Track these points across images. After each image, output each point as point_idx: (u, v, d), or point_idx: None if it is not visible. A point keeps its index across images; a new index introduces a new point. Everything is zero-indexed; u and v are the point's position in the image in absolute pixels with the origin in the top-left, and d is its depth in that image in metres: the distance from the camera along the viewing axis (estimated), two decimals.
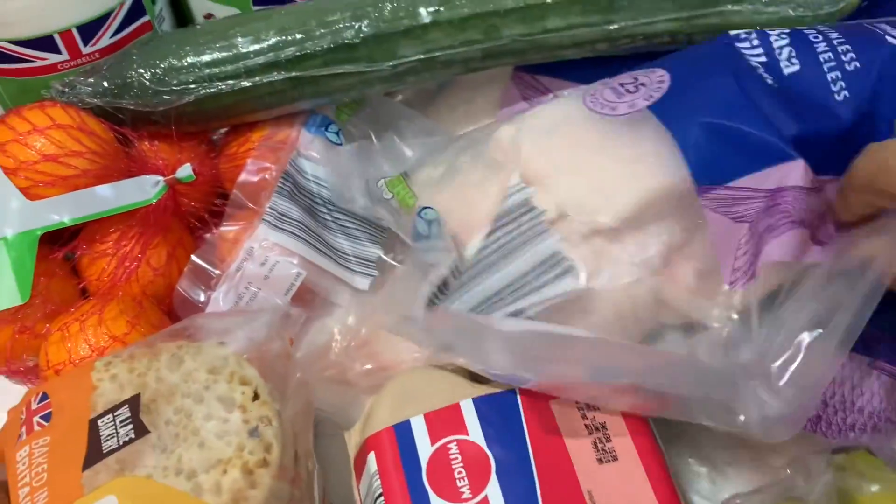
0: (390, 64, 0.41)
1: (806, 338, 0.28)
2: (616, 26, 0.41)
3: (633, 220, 0.33)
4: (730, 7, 0.40)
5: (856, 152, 0.31)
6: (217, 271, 0.40)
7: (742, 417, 0.27)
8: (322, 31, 0.40)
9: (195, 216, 0.42)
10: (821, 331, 0.28)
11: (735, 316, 0.31)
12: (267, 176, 0.41)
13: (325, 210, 0.42)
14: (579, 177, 0.34)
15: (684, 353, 0.32)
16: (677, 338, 0.34)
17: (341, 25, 0.40)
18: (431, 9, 0.40)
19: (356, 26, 0.40)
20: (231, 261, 0.40)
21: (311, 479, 0.33)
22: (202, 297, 0.40)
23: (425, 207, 0.39)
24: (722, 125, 0.32)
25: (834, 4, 0.40)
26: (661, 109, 0.33)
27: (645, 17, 0.41)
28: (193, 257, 0.40)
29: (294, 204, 0.41)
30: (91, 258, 0.39)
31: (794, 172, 0.31)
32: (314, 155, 0.43)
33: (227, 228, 0.40)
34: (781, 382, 0.27)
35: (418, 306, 0.37)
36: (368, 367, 0.39)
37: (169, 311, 0.40)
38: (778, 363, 0.28)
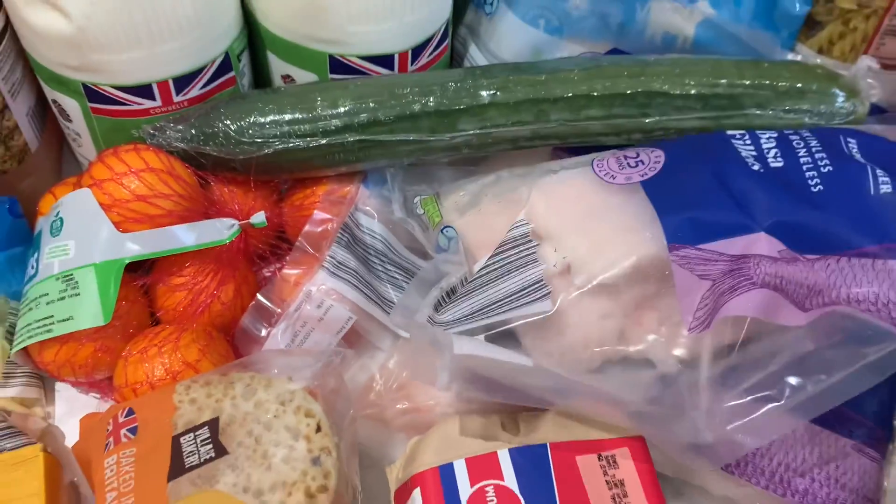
0: (449, 135, 0.45)
1: (765, 402, 0.34)
2: (651, 120, 0.46)
3: (622, 278, 0.38)
4: (754, 111, 0.46)
5: (827, 234, 0.36)
6: (278, 310, 0.44)
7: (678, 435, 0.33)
8: (393, 101, 0.44)
9: (260, 256, 0.46)
10: (780, 402, 0.33)
11: (685, 358, 0.37)
12: (329, 227, 0.46)
13: (377, 261, 0.47)
14: (582, 238, 0.39)
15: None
16: (623, 370, 0.39)
17: (410, 98, 0.44)
18: (490, 92, 0.45)
19: (423, 101, 0.45)
20: (291, 301, 0.44)
21: None
22: (263, 333, 0.44)
23: (447, 226, 0.44)
24: (694, 207, 0.38)
25: (844, 117, 0.46)
26: (651, 186, 0.39)
27: (677, 115, 0.46)
28: (259, 296, 0.44)
29: (350, 254, 0.45)
30: (166, 289, 0.43)
31: (758, 243, 0.37)
32: (370, 210, 0.48)
33: (290, 272, 0.45)
34: (728, 427, 0.32)
35: (426, 305, 0.42)
36: (404, 406, 0.43)
37: (231, 343, 0.44)
38: (728, 407, 0.34)
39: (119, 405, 0.37)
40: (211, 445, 0.34)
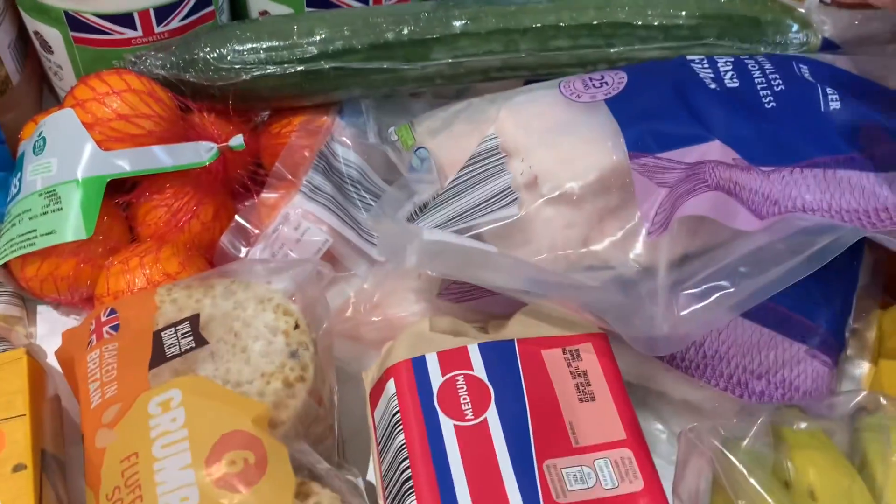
0: (422, 65, 0.47)
1: (717, 290, 0.36)
2: (615, 50, 0.48)
3: (587, 187, 0.40)
4: (713, 41, 0.48)
5: (779, 146, 0.39)
6: (256, 231, 0.45)
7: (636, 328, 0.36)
8: (367, 30, 0.46)
9: (238, 182, 0.48)
10: (731, 289, 0.35)
11: (645, 262, 0.38)
12: (306, 153, 0.47)
13: (352, 189, 0.48)
14: (549, 150, 0.41)
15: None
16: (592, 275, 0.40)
17: (384, 27, 0.46)
18: (462, 21, 0.46)
19: (396, 29, 0.46)
20: (269, 223, 0.45)
21: (332, 405, 0.39)
22: (242, 252, 0.45)
23: (420, 147, 0.46)
24: (654, 119, 0.40)
25: (798, 48, 0.48)
26: (614, 103, 0.41)
27: (640, 45, 0.48)
28: (237, 217, 0.46)
29: (327, 180, 0.47)
30: (147, 207, 0.44)
31: (712, 150, 0.39)
32: (346, 141, 0.49)
33: (268, 195, 0.46)
34: (681, 313, 0.35)
35: (400, 216, 0.44)
36: (377, 319, 0.45)
37: (210, 262, 0.46)
38: (684, 294, 0.36)
39: (101, 307, 0.38)
40: (192, 337, 0.36)
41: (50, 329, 0.46)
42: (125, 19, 0.47)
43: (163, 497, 0.30)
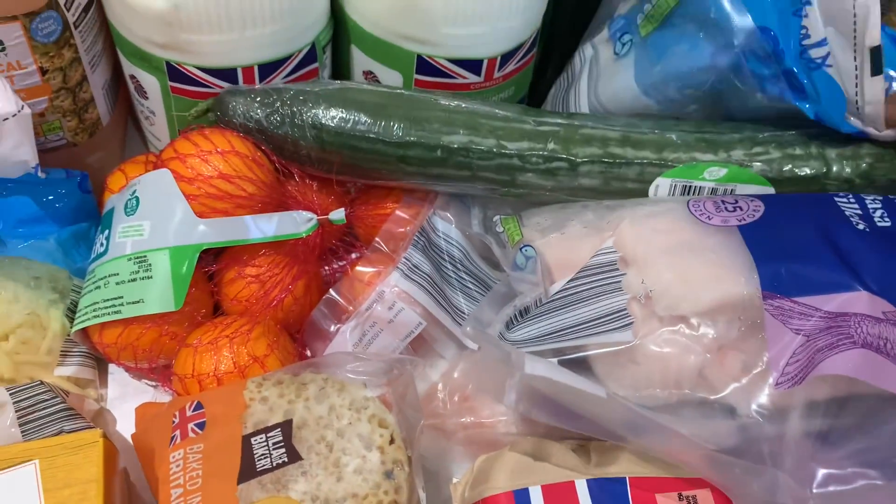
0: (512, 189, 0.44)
1: (863, 478, 0.32)
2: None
3: (706, 314, 0.36)
4: None
5: None
6: (349, 307, 0.43)
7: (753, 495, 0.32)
8: (476, 140, 0.43)
9: (332, 253, 0.45)
10: (881, 483, 0.31)
11: (769, 415, 0.35)
12: (407, 228, 0.45)
13: (450, 268, 0.46)
14: (669, 267, 0.38)
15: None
16: (701, 412, 0.37)
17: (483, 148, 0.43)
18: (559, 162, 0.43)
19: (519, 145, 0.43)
20: (362, 300, 0.43)
21: None
22: (332, 328, 0.43)
23: (527, 245, 0.43)
24: (793, 258, 0.36)
25: None
26: (749, 231, 0.38)
27: None
28: (331, 291, 0.43)
29: (426, 258, 0.44)
30: (238, 278, 0.42)
31: (859, 301, 0.35)
32: (448, 216, 0.46)
33: (363, 270, 0.44)
34: (814, 490, 0.32)
35: (498, 321, 0.42)
36: (467, 420, 0.42)
37: (296, 338, 0.43)
38: (822, 470, 0.32)
39: (186, 398, 0.36)
40: (284, 450, 0.33)
41: (121, 392, 0.44)
42: (227, 74, 0.44)
43: None
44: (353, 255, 0.47)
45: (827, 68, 0.39)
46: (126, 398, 0.44)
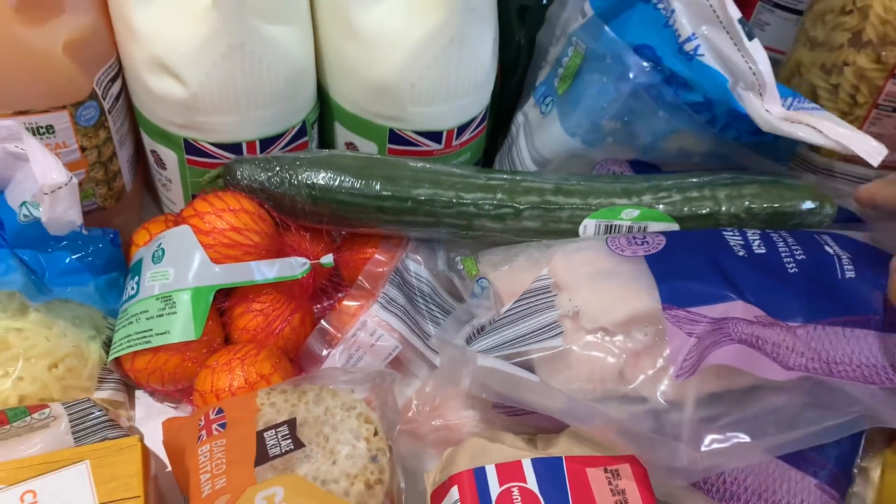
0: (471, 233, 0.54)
1: (738, 439, 0.41)
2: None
3: (621, 325, 0.46)
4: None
5: (801, 305, 0.44)
6: (338, 334, 0.52)
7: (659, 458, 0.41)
8: (448, 189, 0.53)
9: (322, 291, 0.54)
10: (750, 441, 0.41)
11: (671, 399, 0.44)
12: (384, 269, 0.54)
13: (421, 301, 0.55)
14: (591, 289, 0.47)
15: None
16: (620, 402, 0.46)
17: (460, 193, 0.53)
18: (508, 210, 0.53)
19: (473, 198, 0.53)
20: (349, 328, 0.52)
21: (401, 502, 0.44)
22: (324, 353, 0.52)
23: (482, 277, 0.52)
24: (685, 278, 0.46)
25: (815, 218, 0.54)
26: (652, 260, 0.48)
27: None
28: (322, 322, 0.52)
29: (400, 293, 0.54)
30: (245, 312, 0.51)
31: (735, 309, 0.44)
32: (418, 258, 0.56)
33: (349, 304, 0.53)
34: (702, 449, 0.40)
35: (459, 338, 0.51)
36: (438, 423, 0.51)
37: (293, 361, 0.52)
38: (708, 435, 0.42)
39: (209, 405, 0.45)
40: (290, 440, 0.42)
41: (146, 413, 0.53)
42: (234, 148, 0.54)
43: None
44: (339, 294, 0.57)
45: (700, 57, 0.50)
46: (151, 418, 0.52)
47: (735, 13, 0.48)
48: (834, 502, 0.47)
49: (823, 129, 0.48)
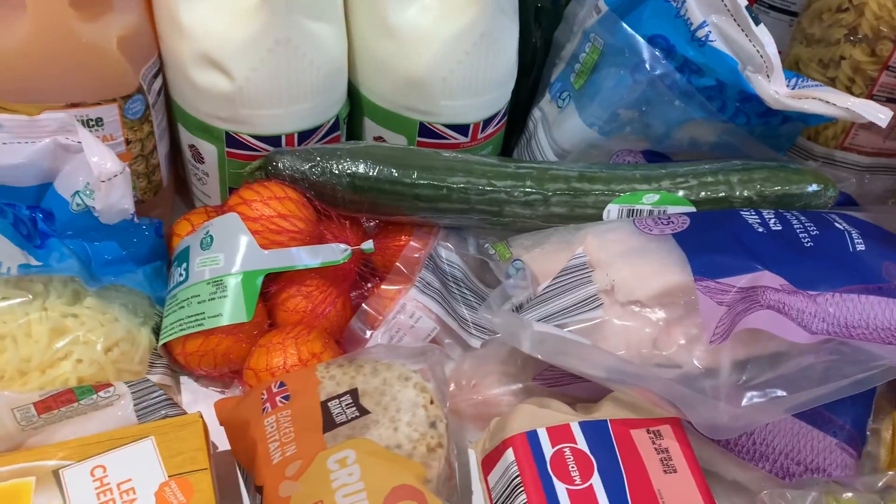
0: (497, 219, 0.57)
1: (774, 394, 0.45)
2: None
3: (655, 298, 0.49)
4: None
5: (820, 275, 0.48)
6: (379, 317, 0.54)
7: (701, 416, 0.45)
8: (476, 181, 0.56)
9: (361, 277, 0.57)
10: (786, 395, 0.45)
11: (706, 364, 0.47)
12: (418, 255, 0.57)
13: (454, 286, 0.58)
14: (625, 265, 0.50)
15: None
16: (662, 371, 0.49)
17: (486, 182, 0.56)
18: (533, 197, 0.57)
19: (497, 185, 0.56)
20: (389, 311, 0.54)
21: (454, 470, 0.46)
22: (367, 334, 0.54)
23: (517, 259, 0.55)
24: (714, 252, 0.50)
25: (820, 200, 0.58)
26: (680, 237, 0.51)
27: None
28: (364, 305, 0.54)
29: (435, 277, 0.56)
30: (290, 297, 0.53)
31: (763, 278, 0.48)
32: (449, 245, 0.59)
33: (388, 288, 0.55)
34: (742, 405, 0.44)
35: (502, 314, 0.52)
36: (478, 398, 0.53)
37: (338, 343, 0.54)
38: (747, 393, 0.45)
39: (270, 380, 0.47)
40: (354, 408, 0.44)
41: (193, 398, 0.54)
42: (274, 140, 0.56)
43: None
44: (369, 285, 0.58)
45: (711, 43, 0.54)
46: (197, 403, 0.54)
47: (742, 0, 0.52)
48: (852, 460, 0.50)
49: (830, 99, 0.52)
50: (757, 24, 0.53)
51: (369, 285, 0.57)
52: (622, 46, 0.57)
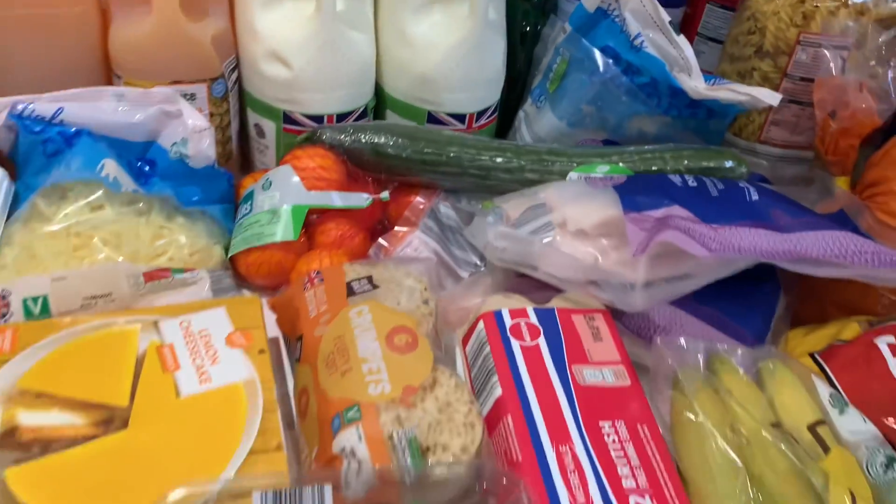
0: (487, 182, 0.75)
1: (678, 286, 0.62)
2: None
3: (595, 227, 0.66)
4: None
5: (721, 213, 0.65)
6: (392, 249, 0.72)
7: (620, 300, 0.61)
8: (467, 152, 0.74)
9: (379, 223, 0.74)
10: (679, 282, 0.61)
11: (631, 277, 0.63)
12: (423, 207, 0.74)
13: (450, 233, 0.75)
14: (575, 207, 0.68)
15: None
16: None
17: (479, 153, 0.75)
18: (507, 163, 0.75)
19: (489, 156, 0.75)
20: (399, 245, 0.72)
21: (441, 338, 0.63)
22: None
23: (497, 206, 0.72)
24: (640, 194, 0.66)
25: (733, 173, 0.76)
26: (617, 187, 0.68)
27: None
28: (380, 239, 0.72)
29: (435, 224, 0.74)
30: (326, 228, 0.71)
31: (674, 210, 0.65)
32: (447, 203, 0.76)
33: (399, 229, 0.73)
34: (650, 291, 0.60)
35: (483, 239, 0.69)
36: (461, 306, 0.70)
37: None
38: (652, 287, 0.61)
39: (310, 271, 0.64)
40: (369, 285, 0.61)
41: None
42: (319, 118, 0.75)
43: (360, 354, 0.54)
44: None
45: (645, 48, 0.72)
46: None
47: (666, 17, 0.71)
48: None
49: (736, 89, 0.70)
50: (678, 34, 0.71)
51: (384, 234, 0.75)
52: (583, 57, 0.76)
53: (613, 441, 0.53)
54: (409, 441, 0.50)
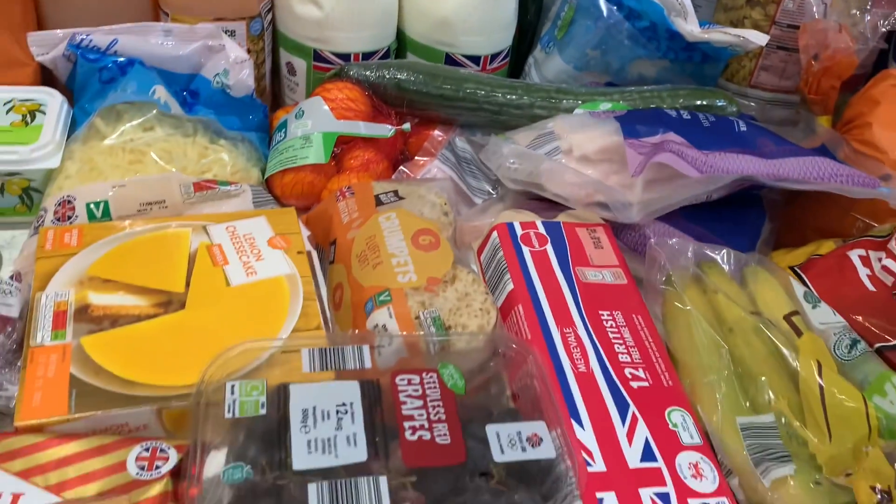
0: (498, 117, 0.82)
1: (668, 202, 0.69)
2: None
3: (598, 153, 0.73)
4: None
5: (711, 140, 0.72)
6: (413, 176, 0.79)
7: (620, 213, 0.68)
8: (480, 89, 0.81)
9: (401, 153, 0.81)
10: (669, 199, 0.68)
11: (630, 196, 0.70)
12: (441, 139, 0.81)
13: (465, 164, 0.82)
14: (580, 134, 0.75)
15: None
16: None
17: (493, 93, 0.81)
18: (517, 100, 0.82)
19: (501, 93, 0.81)
20: (419, 172, 0.79)
21: (457, 249, 0.70)
22: None
23: (509, 137, 0.79)
24: (640, 124, 0.73)
25: (725, 111, 0.83)
26: (619, 119, 0.75)
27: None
28: (402, 166, 0.79)
29: (452, 155, 0.81)
30: (352, 154, 0.78)
31: (669, 136, 0.72)
32: (463, 137, 0.83)
33: (420, 158, 0.80)
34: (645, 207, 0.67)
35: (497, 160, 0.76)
36: (476, 224, 0.77)
37: None
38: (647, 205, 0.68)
39: (342, 186, 0.71)
40: (396, 197, 0.68)
41: None
42: (346, 57, 0.82)
43: (389, 250, 0.62)
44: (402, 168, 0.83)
45: None
46: None
47: None
48: None
49: (728, 31, 0.77)
50: None
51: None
52: (588, 4, 0.83)
53: (611, 326, 0.61)
54: (434, 319, 0.58)
